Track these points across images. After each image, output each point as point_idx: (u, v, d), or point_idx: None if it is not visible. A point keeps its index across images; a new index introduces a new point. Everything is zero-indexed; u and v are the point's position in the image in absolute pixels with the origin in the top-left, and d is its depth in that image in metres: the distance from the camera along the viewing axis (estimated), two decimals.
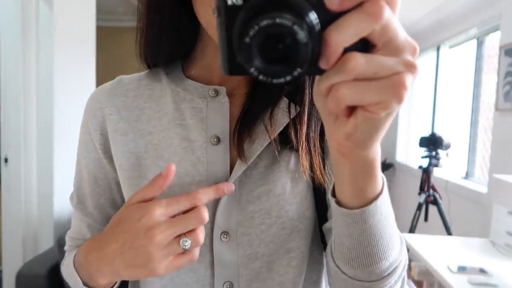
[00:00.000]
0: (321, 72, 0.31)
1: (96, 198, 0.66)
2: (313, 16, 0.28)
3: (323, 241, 0.60)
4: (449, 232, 2.93)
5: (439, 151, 3.08)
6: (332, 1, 0.28)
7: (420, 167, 3.15)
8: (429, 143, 3.08)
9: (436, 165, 3.08)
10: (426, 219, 3.07)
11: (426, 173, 3.09)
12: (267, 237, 0.56)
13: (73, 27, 2.57)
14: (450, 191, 3.33)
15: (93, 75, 2.74)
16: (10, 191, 2.51)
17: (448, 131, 3.88)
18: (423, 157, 3.13)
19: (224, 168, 0.57)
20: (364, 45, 0.30)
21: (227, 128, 0.58)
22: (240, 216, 0.57)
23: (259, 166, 0.58)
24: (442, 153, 3.10)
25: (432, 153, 3.08)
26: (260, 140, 0.56)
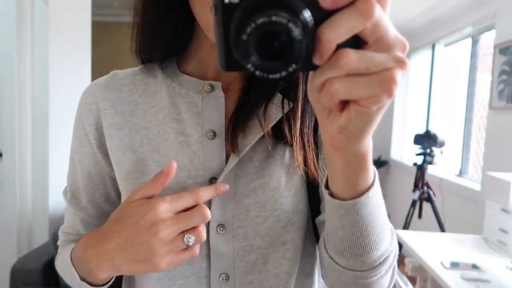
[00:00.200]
0: (315, 68, 0.32)
1: (90, 193, 0.66)
2: (307, 14, 0.29)
3: (315, 234, 0.61)
4: (442, 229, 2.95)
5: (434, 148, 3.09)
6: None
7: (415, 164, 3.17)
8: (423, 140, 3.09)
9: (431, 163, 3.10)
10: (420, 216, 3.08)
11: (421, 170, 3.10)
12: (262, 230, 0.57)
13: (68, 22, 2.56)
14: (444, 188, 3.35)
15: (88, 70, 2.73)
16: (5, 186, 2.50)
17: (443, 128, 3.90)
18: (418, 154, 3.15)
19: (220, 162, 0.58)
20: (356, 41, 0.31)
21: (222, 123, 0.58)
22: (236, 209, 0.57)
23: (254, 160, 0.58)
24: (436, 150, 3.11)
25: (426, 151, 3.10)
26: (253, 134, 0.57)
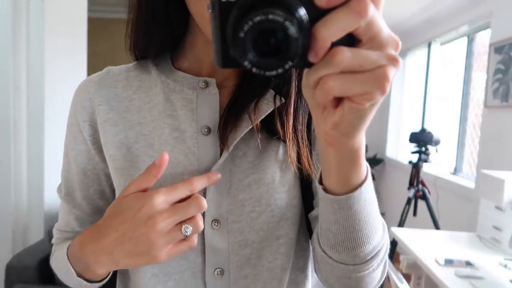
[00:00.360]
0: (310, 65, 0.32)
1: (85, 190, 0.66)
2: (302, 12, 0.30)
3: (309, 229, 0.62)
4: (437, 226, 2.96)
5: (429, 146, 3.11)
6: None
7: (410, 162, 3.18)
8: (419, 138, 3.10)
9: (426, 161, 3.11)
10: (415, 213, 3.10)
11: (416, 168, 3.12)
12: (257, 225, 0.58)
13: (64, 18, 2.55)
14: (438, 186, 3.37)
15: (84, 66, 2.72)
16: (0, 183, 2.50)
17: (438, 127, 3.92)
18: (413, 152, 3.16)
19: (214, 157, 0.58)
20: (350, 39, 0.31)
21: (217, 119, 0.59)
22: (231, 204, 0.58)
23: (248, 156, 0.59)
24: (431, 148, 3.13)
25: (421, 149, 3.11)
26: (242, 128, 0.57)
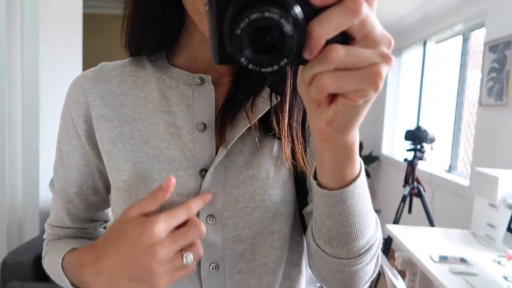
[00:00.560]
0: (305, 62, 0.33)
1: (78, 185, 0.66)
2: (298, 10, 0.30)
3: (303, 225, 0.62)
4: (432, 224, 2.98)
5: (424, 144, 3.12)
6: None
7: (405, 160, 3.20)
8: (414, 136, 3.12)
9: (421, 158, 3.12)
10: (410, 211, 3.11)
11: (411, 166, 3.13)
12: (251, 220, 0.58)
13: (59, 14, 2.53)
14: (433, 183, 3.39)
15: (79, 62, 2.70)
16: None
17: (433, 125, 3.94)
18: (408, 150, 3.17)
19: (210, 154, 0.59)
20: (344, 37, 0.32)
21: (212, 115, 0.59)
22: (225, 200, 0.58)
23: (243, 153, 0.59)
24: (426, 146, 3.14)
25: (417, 147, 3.12)
26: (240, 126, 0.58)
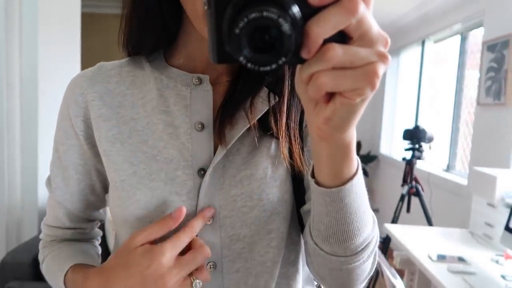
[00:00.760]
0: (303, 62, 0.33)
1: (75, 184, 0.66)
2: (296, 10, 0.31)
3: (300, 224, 0.63)
4: (430, 223, 2.98)
5: (422, 144, 3.13)
6: None
7: (404, 159, 3.21)
8: (412, 136, 3.12)
9: (419, 158, 3.13)
10: (408, 210, 3.12)
11: (409, 165, 3.13)
12: (248, 219, 0.59)
13: (58, 13, 2.53)
14: (432, 183, 3.40)
15: (78, 62, 2.70)
16: None
17: (431, 124, 3.95)
18: (407, 149, 3.18)
19: (208, 153, 0.59)
20: (341, 37, 0.32)
21: (210, 115, 0.59)
22: (223, 199, 0.58)
23: (241, 152, 0.59)
24: (425, 146, 3.15)
25: (415, 146, 3.13)
26: (239, 126, 0.58)
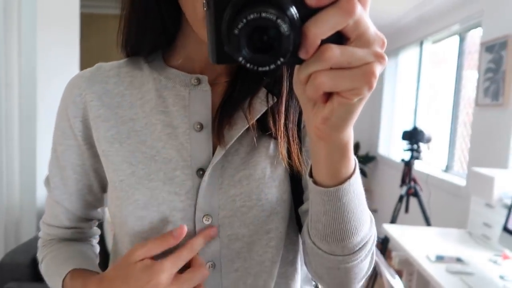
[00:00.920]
0: (301, 62, 0.34)
1: (73, 184, 0.67)
2: (294, 11, 0.31)
3: (298, 224, 0.63)
4: (428, 223, 2.99)
5: (421, 144, 3.14)
6: None
7: (402, 160, 3.21)
8: (411, 136, 3.13)
9: (418, 158, 3.14)
10: (407, 210, 3.13)
11: (408, 166, 3.14)
12: (247, 219, 0.59)
13: (56, 13, 2.54)
14: (430, 183, 3.40)
15: (77, 62, 2.71)
16: None
17: (430, 125, 3.96)
18: (405, 150, 3.19)
19: (207, 154, 0.59)
20: (339, 37, 0.33)
21: (209, 116, 0.60)
22: (222, 199, 0.59)
23: (240, 152, 0.60)
24: (423, 146, 3.16)
25: (413, 147, 3.14)
26: (238, 127, 0.58)
